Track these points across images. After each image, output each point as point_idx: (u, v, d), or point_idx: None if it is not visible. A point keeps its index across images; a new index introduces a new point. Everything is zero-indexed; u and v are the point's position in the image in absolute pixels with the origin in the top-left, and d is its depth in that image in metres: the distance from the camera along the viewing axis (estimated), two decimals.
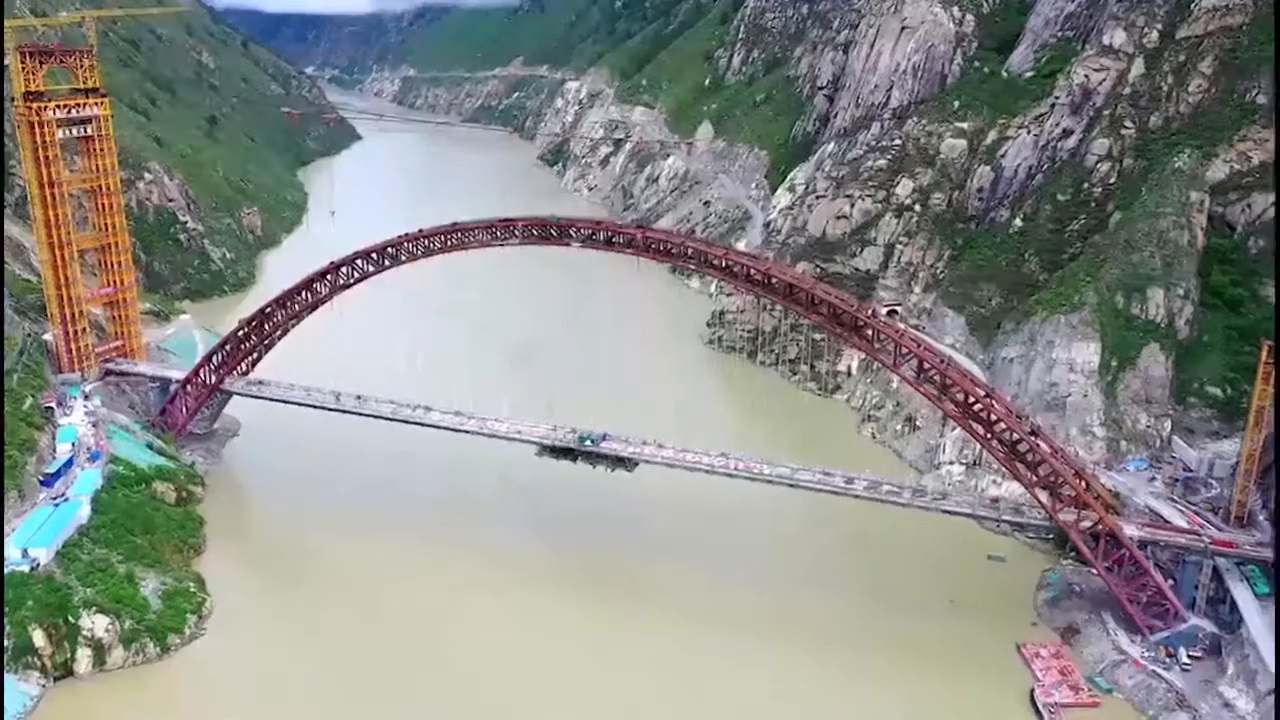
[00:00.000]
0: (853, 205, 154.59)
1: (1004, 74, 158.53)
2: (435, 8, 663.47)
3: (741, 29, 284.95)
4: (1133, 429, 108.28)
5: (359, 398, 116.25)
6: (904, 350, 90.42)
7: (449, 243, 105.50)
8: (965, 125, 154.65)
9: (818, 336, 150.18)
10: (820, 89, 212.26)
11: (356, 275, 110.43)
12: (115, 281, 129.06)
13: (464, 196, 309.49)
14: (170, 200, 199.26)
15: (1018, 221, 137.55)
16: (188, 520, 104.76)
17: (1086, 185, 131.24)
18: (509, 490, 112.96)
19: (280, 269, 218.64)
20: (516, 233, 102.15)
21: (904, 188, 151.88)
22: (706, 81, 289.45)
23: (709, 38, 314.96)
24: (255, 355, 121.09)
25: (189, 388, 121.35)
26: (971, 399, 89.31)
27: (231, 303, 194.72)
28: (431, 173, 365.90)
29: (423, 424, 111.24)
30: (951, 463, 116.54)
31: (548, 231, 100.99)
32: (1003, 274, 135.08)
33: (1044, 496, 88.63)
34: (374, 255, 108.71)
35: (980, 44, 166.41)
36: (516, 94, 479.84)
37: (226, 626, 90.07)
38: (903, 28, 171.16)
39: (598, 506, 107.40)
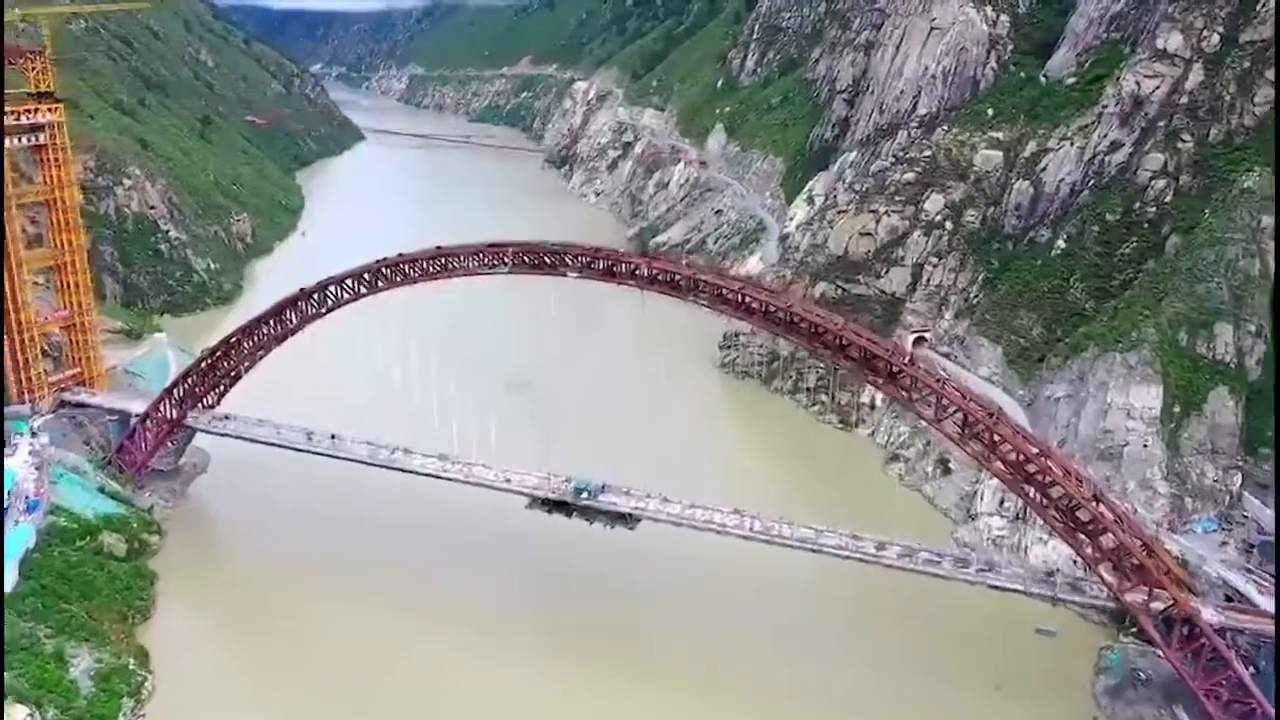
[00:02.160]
0: (878, 221, 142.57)
1: (1042, 79, 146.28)
2: (444, 5, 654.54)
3: (756, 29, 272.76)
4: (1199, 484, 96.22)
5: (334, 437, 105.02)
6: (946, 402, 78.66)
7: (431, 269, 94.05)
8: (1000, 135, 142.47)
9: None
10: (839, 93, 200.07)
11: (329, 303, 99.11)
12: (72, 304, 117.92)
13: (467, 199, 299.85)
14: (151, 208, 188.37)
15: (1060, 243, 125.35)
16: (136, 578, 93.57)
17: (1139, 204, 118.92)
18: (500, 540, 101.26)
19: (270, 279, 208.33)
20: (506, 260, 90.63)
21: (934, 203, 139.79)
22: (719, 83, 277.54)
23: (722, 37, 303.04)
24: (221, 387, 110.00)
25: (148, 423, 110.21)
26: (1024, 459, 77.53)
27: (215, 317, 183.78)
28: (435, 173, 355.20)
29: (402, 469, 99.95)
30: (991, 514, 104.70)
31: (540, 259, 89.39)
32: (1044, 301, 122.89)
33: (1108, 574, 76.82)
34: (348, 282, 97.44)
35: (1016, 47, 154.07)
36: (524, 94, 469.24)
37: (168, 712, 78.95)
38: (931, 29, 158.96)
39: (596, 559, 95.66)
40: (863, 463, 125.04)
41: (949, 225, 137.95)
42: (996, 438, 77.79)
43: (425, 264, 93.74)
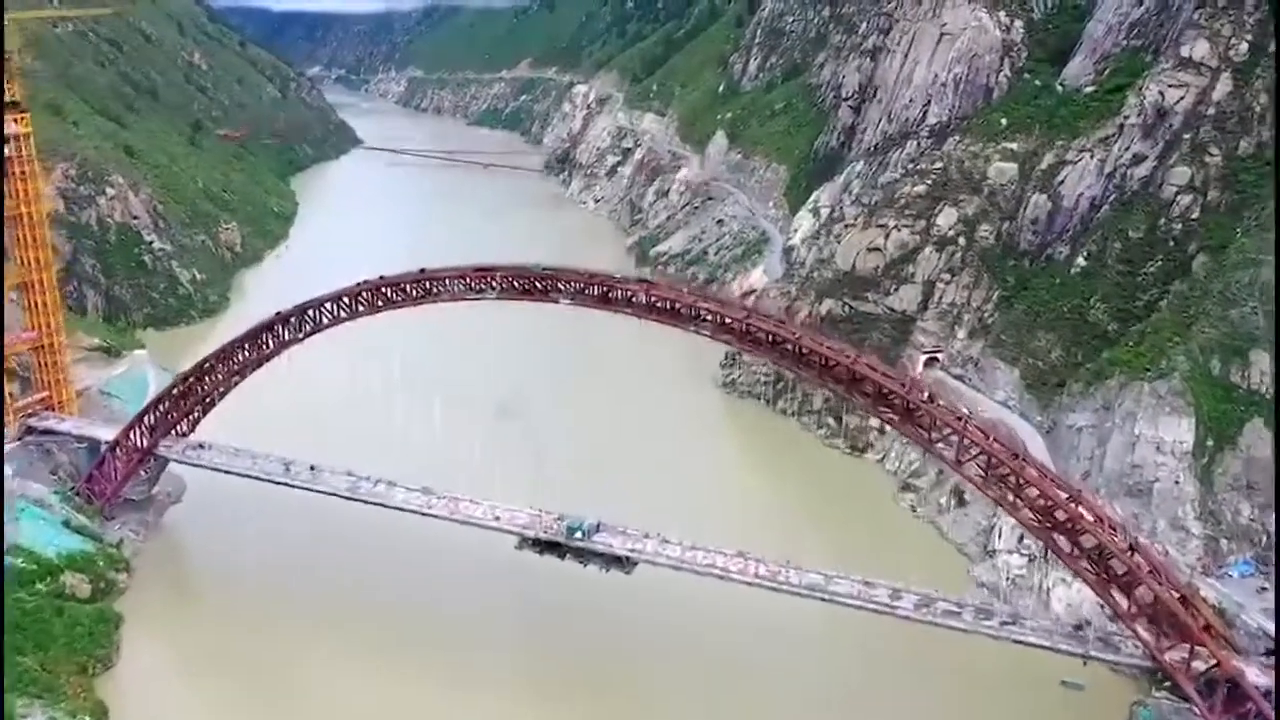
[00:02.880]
0: (887, 236, 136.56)
1: (1058, 88, 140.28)
2: (443, 7, 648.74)
3: (758, 33, 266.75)
4: (1234, 523, 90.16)
5: (313, 468, 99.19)
6: (968, 442, 72.62)
7: (414, 293, 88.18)
8: (1015, 146, 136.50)
9: None
10: (845, 100, 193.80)
11: (308, 328, 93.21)
12: (41, 324, 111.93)
13: (463, 204, 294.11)
14: (135, 217, 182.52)
15: (1081, 260, 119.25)
16: (100, 623, 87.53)
17: (1163, 221, 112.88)
18: (489, 578, 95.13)
19: (258, 290, 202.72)
20: (494, 284, 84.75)
21: (946, 217, 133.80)
22: (721, 88, 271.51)
23: (723, 41, 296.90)
24: (196, 414, 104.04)
25: (118, 451, 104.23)
26: (1053, 504, 71.52)
27: (200, 331, 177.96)
28: (432, 178, 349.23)
29: (384, 505, 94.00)
30: (1010, 552, 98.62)
31: (530, 284, 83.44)
32: (1064, 322, 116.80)
33: (1145, 630, 70.80)
34: (327, 306, 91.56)
35: (1030, 54, 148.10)
36: (524, 97, 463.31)
37: None
38: (941, 35, 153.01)
39: (589, 599, 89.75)
40: (872, 492, 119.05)
41: (962, 241, 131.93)
42: (1022, 481, 71.76)
43: (408, 287, 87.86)
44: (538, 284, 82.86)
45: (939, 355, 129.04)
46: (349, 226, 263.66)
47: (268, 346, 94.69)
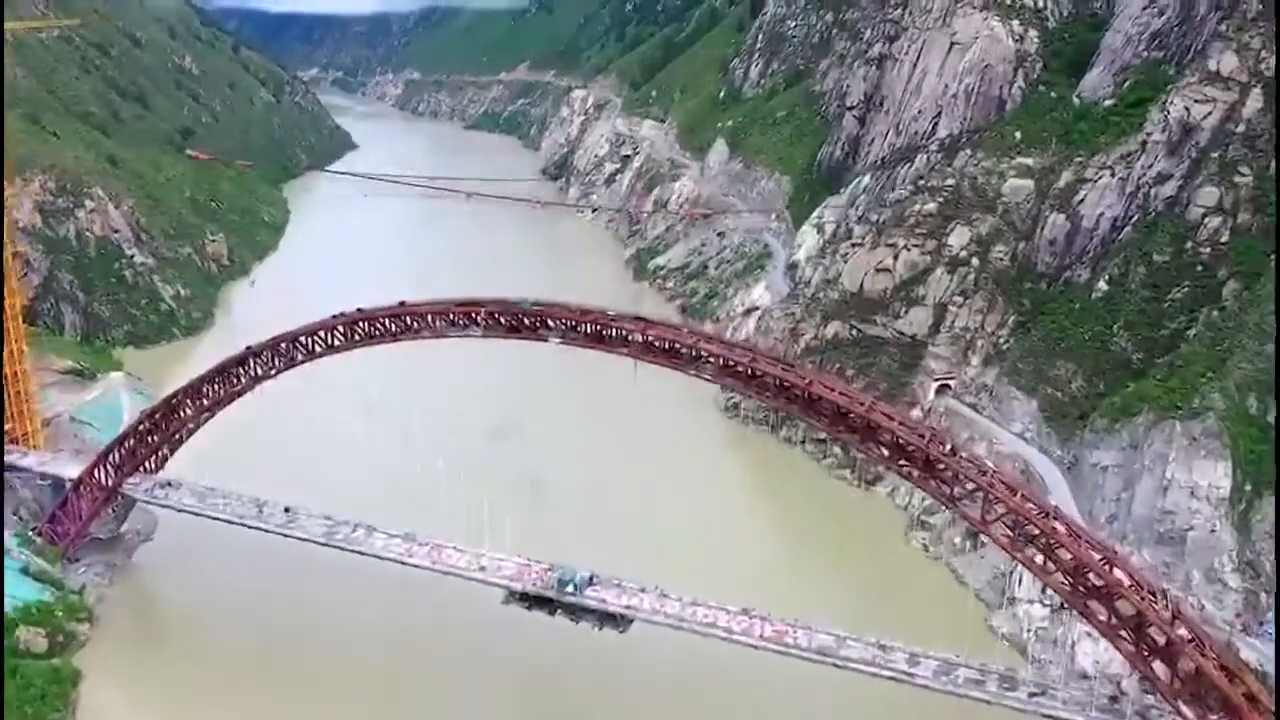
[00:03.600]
0: (896, 256, 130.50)
1: (1075, 100, 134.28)
2: (441, 9, 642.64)
3: (759, 38, 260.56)
4: (1273, 575, 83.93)
5: (287, 510, 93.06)
6: (994, 499, 66.40)
7: (394, 328, 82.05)
8: (1030, 162, 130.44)
9: None
10: (850, 109, 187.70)
11: (281, 363, 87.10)
12: (3, 353, 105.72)
13: (457, 212, 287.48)
14: (115, 231, 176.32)
15: (1102, 284, 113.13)
16: (55, 681, 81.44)
17: (1190, 245, 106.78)
18: (474, 630, 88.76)
19: (244, 306, 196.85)
20: (478, 320, 78.59)
21: (958, 237, 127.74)
22: (721, 94, 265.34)
23: (724, 46, 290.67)
24: (164, 451, 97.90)
25: (82, 490, 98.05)
26: (1088, 568, 65.31)
27: (182, 349, 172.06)
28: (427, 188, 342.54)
29: (362, 553, 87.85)
30: (1031, 601, 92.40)
31: (517, 321, 77.29)
32: (1085, 350, 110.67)
33: (1187, 707, 64.61)
34: (301, 340, 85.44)
35: (1045, 64, 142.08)
36: (521, 100, 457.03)
37: None
38: (952, 44, 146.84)
39: (581, 654, 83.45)
40: (882, 529, 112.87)
41: (975, 262, 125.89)
42: (1053, 543, 65.58)
43: (387, 322, 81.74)
44: (525, 320, 76.65)
45: (951, 382, 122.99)
46: (341, 235, 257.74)
47: (238, 382, 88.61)
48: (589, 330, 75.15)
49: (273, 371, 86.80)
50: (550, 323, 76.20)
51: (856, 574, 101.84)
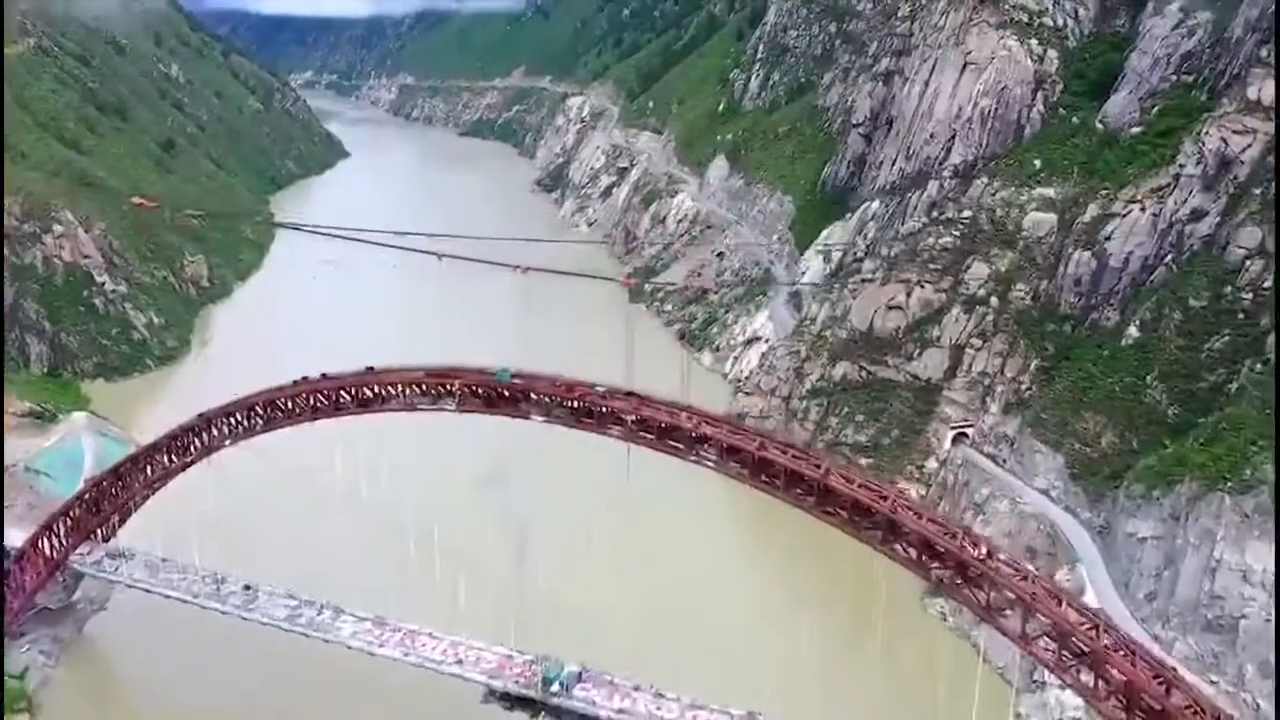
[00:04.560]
0: (909, 293, 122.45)
1: (1099, 126, 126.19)
2: (435, 12, 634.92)
3: (760, 48, 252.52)
4: None
5: (248, 588, 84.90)
6: (1036, 611, 58.19)
7: (359, 396, 73.73)
8: (1052, 193, 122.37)
9: (864, 461, 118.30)
10: (855, 126, 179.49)
11: (237, 432, 78.84)
12: None
13: (450, 227, 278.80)
14: (86, 257, 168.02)
15: (1133, 330, 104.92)
16: None
17: (1229, 289, 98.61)
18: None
19: (225, 330, 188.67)
20: (453, 391, 70.31)
21: (976, 274, 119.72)
22: (720, 106, 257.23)
23: (723, 56, 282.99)
24: (114, 521, 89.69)
25: (25, 562, 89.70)
26: (1142, 689, 57.14)
27: (155, 381, 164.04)
28: (419, 193, 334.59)
29: (327, 640, 79.59)
30: (1063, 686, 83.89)
31: (496, 394, 69.05)
32: (1115, 402, 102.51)
33: None
34: (258, 409, 77.15)
35: (1066, 86, 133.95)
36: (516, 107, 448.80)
37: None
38: (966, 64, 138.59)
39: None
40: (896, 591, 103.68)
41: (994, 301, 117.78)
42: (1105, 661, 57.37)
43: (352, 390, 73.43)
44: (504, 393, 68.40)
45: (969, 431, 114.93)
46: (329, 249, 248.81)
47: (191, 451, 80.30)
48: (575, 407, 66.92)
49: (228, 441, 78.40)
50: (533, 395, 67.92)
51: (867, 650, 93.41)
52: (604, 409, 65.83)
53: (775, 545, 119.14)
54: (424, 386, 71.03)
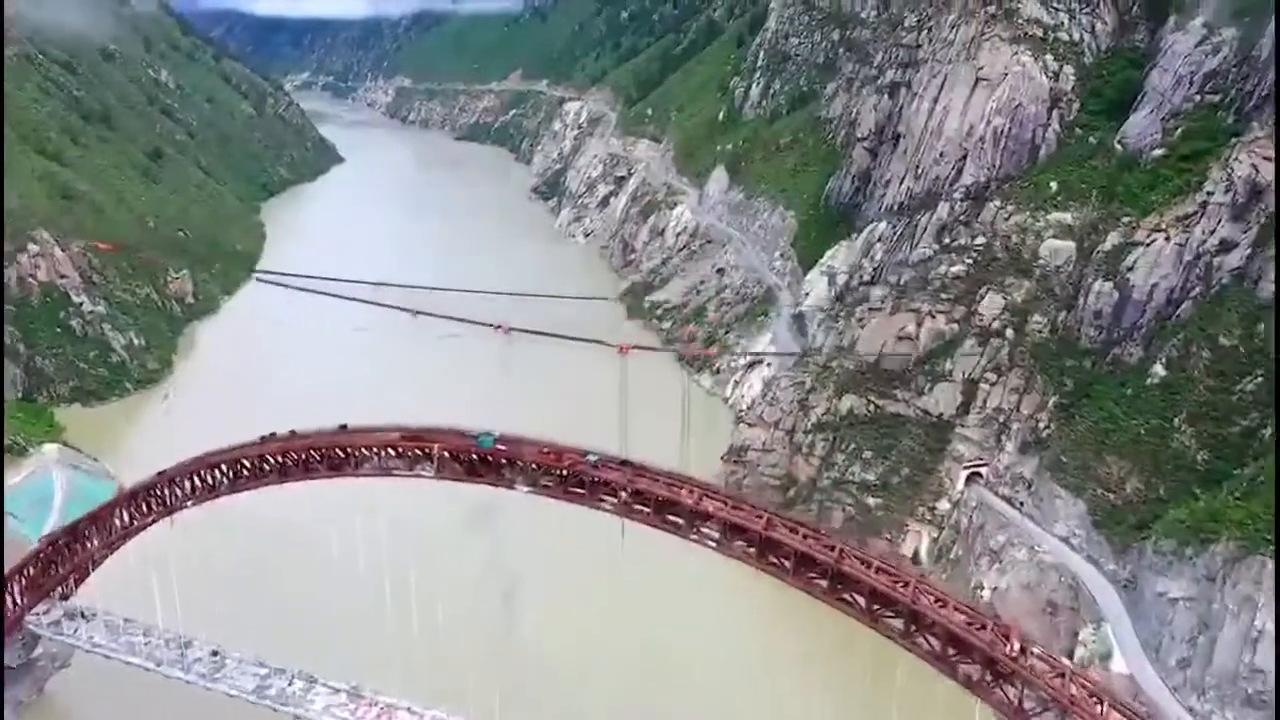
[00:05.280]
0: (919, 324, 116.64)
1: (1118, 147, 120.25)
2: (432, 14, 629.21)
3: (761, 55, 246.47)
4: None
5: (215, 654, 79.14)
6: (1076, 716, 52.32)
7: (330, 458, 67.83)
8: (1069, 218, 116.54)
9: (872, 502, 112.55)
10: (860, 139, 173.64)
11: (199, 493, 72.93)
12: None
13: (444, 236, 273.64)
14: (63, 276, 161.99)
15: (1158, 369, 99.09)
16: None
17: (1263, 326, 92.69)
18: None
19: (209, 349, 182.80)
20: (430, 457, 64.39)
21: (990, 305, 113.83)
22: (720, 115, 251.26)
23: (723, 63, 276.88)
24: (73, 579, 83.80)
25: None
26: None
27: (135, 404, 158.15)
28: (412, 203, 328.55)
29: (297, 715, 73.80)
30: None
31: (479, 460, 63.15)
32: (1141, 446, 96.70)
33: None
34: (221, 469, 71.27)
35: (1083, 105, 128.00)
36: (513, 111, 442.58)
37: None
38: (977, 80, 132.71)
39: None
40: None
41: (1009, 333, 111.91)
42: None
43: (323, 452, 67.50)
44: (487, 459, 62.52)
45: (983, 470, 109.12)
46: (319, 257, 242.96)
47: (150, 511, 74.45)
48: (564, 476, 61.02)
49: (189, 503, 72.55)
50: (519, 463, 62.05)
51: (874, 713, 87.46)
52: (595, 480, 59.90)
53: (771, 589, 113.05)
54: (399, 449, 65.11)
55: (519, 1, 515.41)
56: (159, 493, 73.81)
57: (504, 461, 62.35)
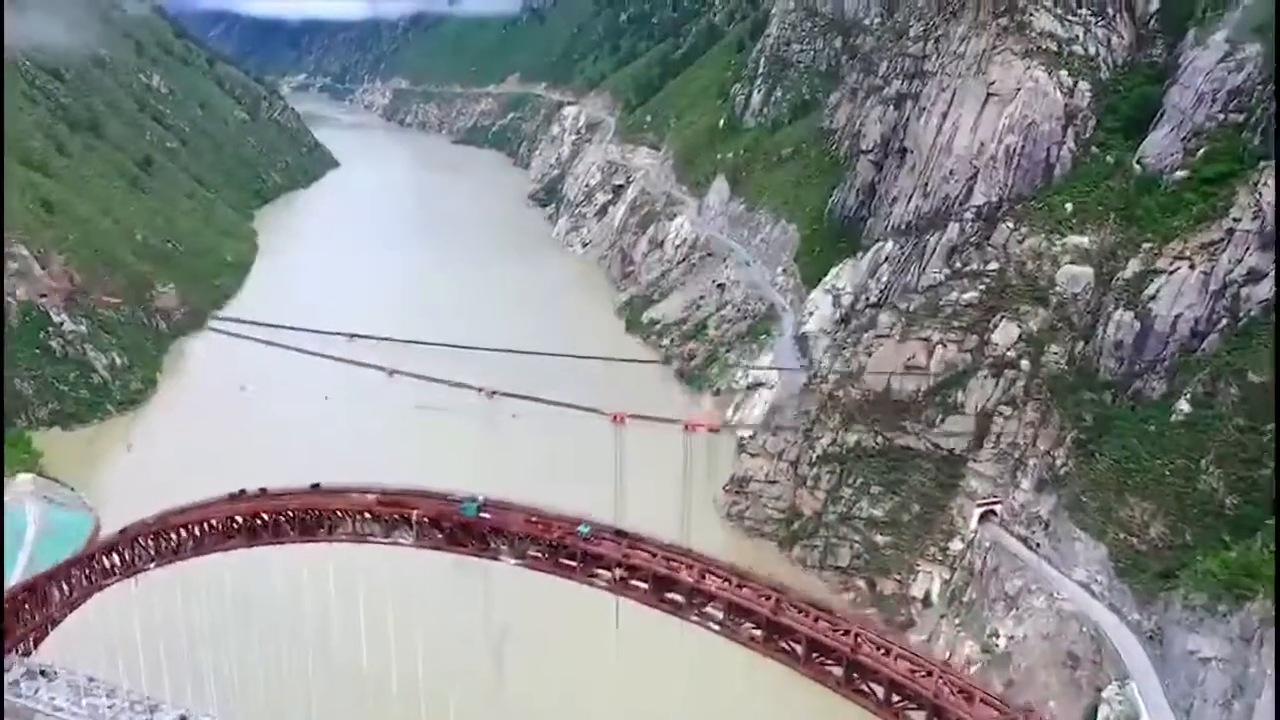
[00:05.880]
0: (930, 353, 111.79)
1: (1136, 167, 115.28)
2: (430, 15, 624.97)
3: (762, 61, 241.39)
4: None
5: (183, 719, 74.17)
6: None
7: (299, 524, 62.75)
8: (1086, 242, 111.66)
9: (880, 540, 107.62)
10: (865, 152, 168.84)
11: (166, 551, 67.91)
12: None
13: (438, 244, 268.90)
14: (42, 295, 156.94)
15: (1184, 405, 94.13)
16: None
17: None
18: None
19: (195, 367, 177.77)
20: (409, 523, 59.37)
21: (1004, 334, 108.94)
22: (721, 122, 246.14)
23: (724, 68, 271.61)
24: (35, 636, 78.77)
25: None
26: None
27: (117, 427, 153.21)
28: (407, 212, 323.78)
29: None
30: None
31: (460, 531, 58.14)
32: (1165, 487, 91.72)
33: None
34: (187, 528, 66.23)
35: (1099, 122, 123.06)
36: (511, 114, 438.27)
37: None
38: (988, 95, 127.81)
39: None
40: None
41: (1025, 364, 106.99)
42: None
43: (296, 515, 62.45)
44: (471, 529, 57.50)
45: (997, 508, 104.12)
46: (309, 269, 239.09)
47: (112, 573, 69.48)
48: (554, 545, 56.01)
49: (152, 564, 67.55)
50: (505, 534, 57.03)
51: None
52: (587, 553, 54.90)
53: None
54: (377, 514, 60.10)
55: (517, 3, 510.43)
56: (121, 552, 68.77)
57: (493, 532, 57.29)
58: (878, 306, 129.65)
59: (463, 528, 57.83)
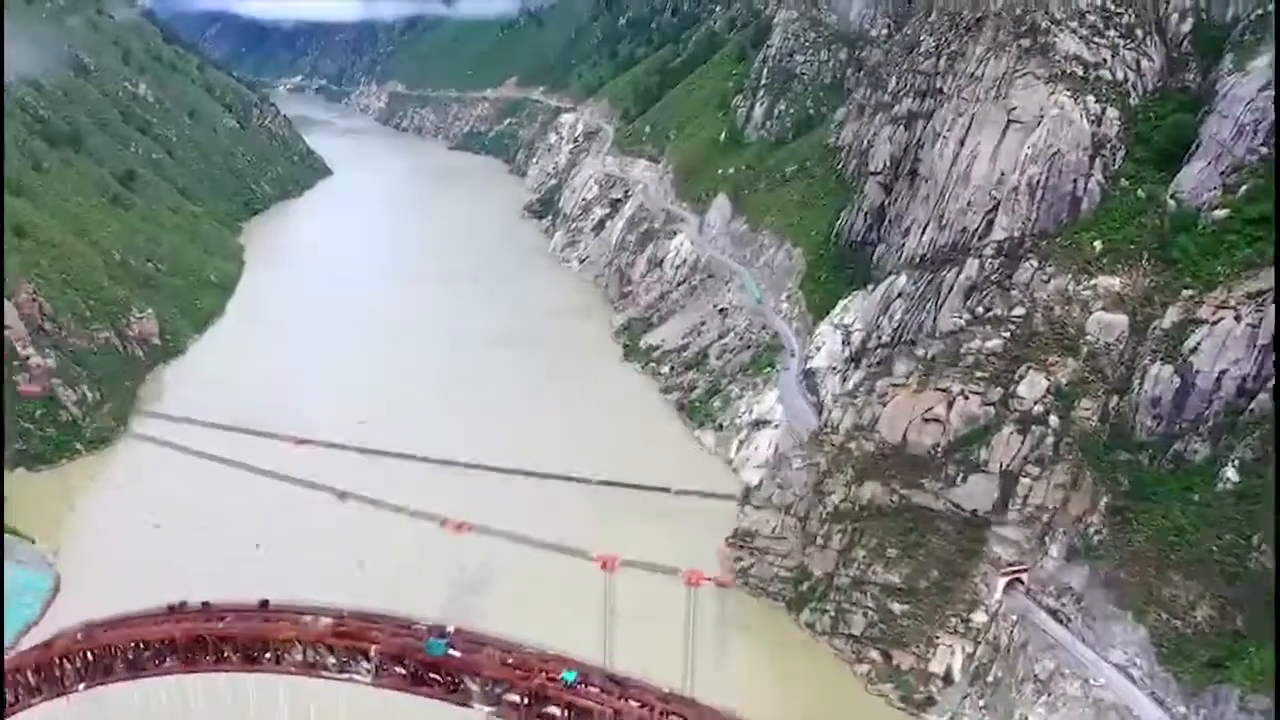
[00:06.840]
0: (950, 405, 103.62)
1: (1171, 202, 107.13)
2: (427, 18, 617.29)
3: (764, 73, 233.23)
4: None
5: None
6: None
7: (249, 650, 54.63)
8: (1118, 285, 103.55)
9: (897, 607, 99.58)
10: (874, 173, 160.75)
11: (96, 673, 59.85)
12: None
13: (433, 256, 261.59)
14: (8, 327, 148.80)
15: (1230, 473, 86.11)
16: None
17: None
18: None
19: (173, 397, 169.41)
20: (367, 658, 51.30)
21: (1031, 386, 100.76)
22: (722, 135, 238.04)
23: (725, 78, 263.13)
24: None
25: None
26: None
27: (86, 467, 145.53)
28: (397, 229, 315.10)
29: None
30: None
31: (426, 671, 50.05)
32: (1211, 564, 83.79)
33: None
34: (119, 649, 58.13)
35: (1129, 152, 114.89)
36: (508, 120, 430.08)
37: None
38: (1009, 121, 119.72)
39: None
40: None
41: (1053, 420, 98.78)
42: None
43: (240, 642, 54.34)
44: (438, 670, 49.42)
45: (1023, 576, 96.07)
46: (297, 284, 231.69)
47: (37, 690, 61.42)
48: (534, 692, 47.93)
49: (81, 685, 59.48)
50: (480, 675, 48.94)
51: None
52: (571, 705, 46.85)
53: (785, 691, 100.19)
54: (329, 645, 52.06)
55: (514, 6, 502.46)
56: (48, 669, 60.73)
57: (463, 673, 49.33)
58: (890, 346, 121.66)
59: (428, 666, 49.79)
